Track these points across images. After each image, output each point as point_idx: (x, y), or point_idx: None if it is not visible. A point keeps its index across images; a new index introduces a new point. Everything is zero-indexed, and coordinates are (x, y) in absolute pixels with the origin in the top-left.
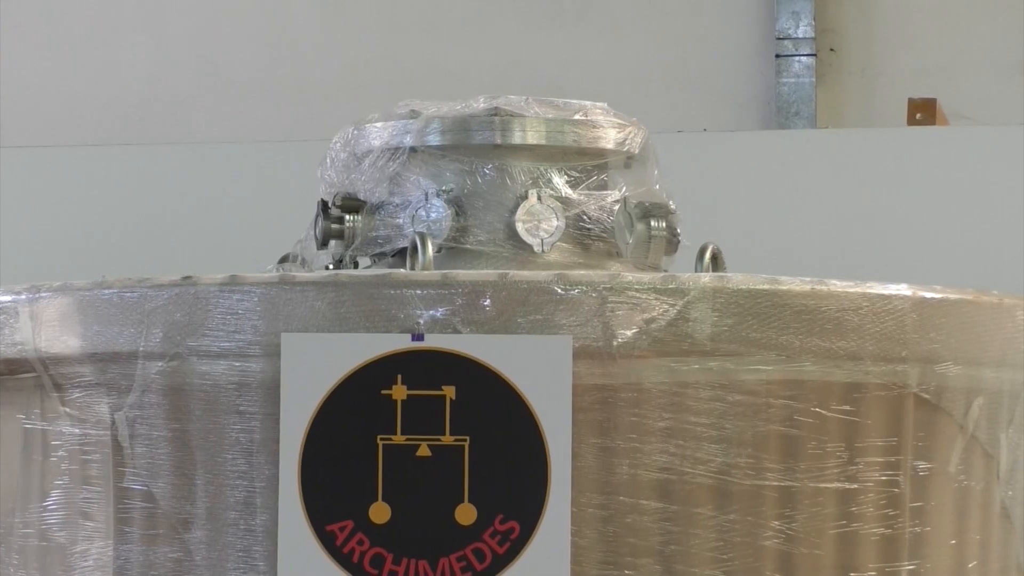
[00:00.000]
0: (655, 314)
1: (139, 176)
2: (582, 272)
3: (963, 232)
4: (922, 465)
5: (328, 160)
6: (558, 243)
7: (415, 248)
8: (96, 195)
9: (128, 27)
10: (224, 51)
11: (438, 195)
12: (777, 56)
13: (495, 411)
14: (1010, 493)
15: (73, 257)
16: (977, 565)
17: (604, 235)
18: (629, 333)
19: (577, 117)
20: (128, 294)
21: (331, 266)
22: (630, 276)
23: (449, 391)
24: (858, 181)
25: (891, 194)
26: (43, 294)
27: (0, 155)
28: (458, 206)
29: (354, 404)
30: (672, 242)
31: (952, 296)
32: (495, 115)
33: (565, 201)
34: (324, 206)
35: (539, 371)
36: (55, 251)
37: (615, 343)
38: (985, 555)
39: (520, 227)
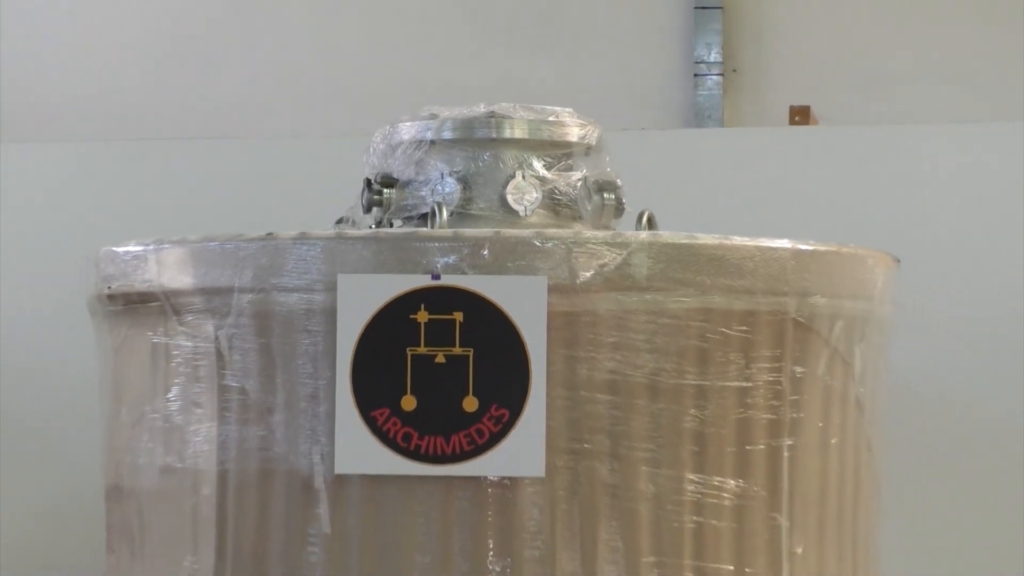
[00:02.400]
0: (606, 260)
1: (202, 168)
2: (554, 230)
3: (825, 204)
4: (798, 370)
5: (371, 150)
6: (537, 210)
7: (434, 213)
8: (161, 187)
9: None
10: (285, 64)
11: (450, 175)
12: (695, 75)
13: (492, 330)
14: (862, 390)
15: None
16: (838, 442)
17: (570, 204)
18: (588, 274)
19: (551, 119)
20: (227, 245)
21: (373, 226)
22: (588, 233)
23: (458, 316)
24: (752, 167)
25: (777, 177)
26: (165, 245)
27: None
28: (465, 183)
29: (390, 325)
30: (619, 209)
31: (820, 248)
32: (492, 117)
33: (542, 179)
34: (368, 183)
35: (523, 301)
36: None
37: (578, 281)
38: (843, 435)
39: (509, 198)
